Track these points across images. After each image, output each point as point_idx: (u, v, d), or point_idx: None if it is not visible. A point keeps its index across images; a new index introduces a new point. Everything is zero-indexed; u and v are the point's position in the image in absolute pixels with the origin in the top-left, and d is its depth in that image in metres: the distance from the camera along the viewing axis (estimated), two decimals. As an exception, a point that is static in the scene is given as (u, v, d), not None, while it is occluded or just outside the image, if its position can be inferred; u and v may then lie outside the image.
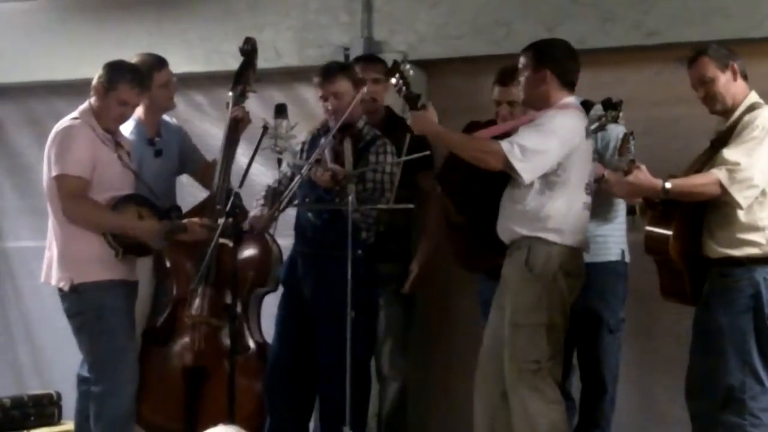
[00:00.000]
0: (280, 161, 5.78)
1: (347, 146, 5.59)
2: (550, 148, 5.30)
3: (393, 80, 5.55)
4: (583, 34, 6.28)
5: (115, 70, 5.85)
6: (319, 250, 5.90)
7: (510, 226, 5.46)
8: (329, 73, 5.93)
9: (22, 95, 7.84)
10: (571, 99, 5.48)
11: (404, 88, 5.50)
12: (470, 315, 6.56)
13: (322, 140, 5.92)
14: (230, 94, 6.20)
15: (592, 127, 5.58)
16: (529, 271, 5.37)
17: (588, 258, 5.66)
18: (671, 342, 6.16)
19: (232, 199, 5.66)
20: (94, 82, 5.85)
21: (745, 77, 5.30)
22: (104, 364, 5.79)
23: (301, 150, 6.09)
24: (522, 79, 5.53)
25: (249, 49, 6.20)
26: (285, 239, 6.43)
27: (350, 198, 5.42)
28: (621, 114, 5.55)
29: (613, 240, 5.84)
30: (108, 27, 7.56)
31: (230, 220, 5.69)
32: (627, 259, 5.88)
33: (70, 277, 5.75)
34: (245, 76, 6.19)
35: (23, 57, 7.72)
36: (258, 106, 6.43)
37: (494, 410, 5.52)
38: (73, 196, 5.72)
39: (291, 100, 6.82)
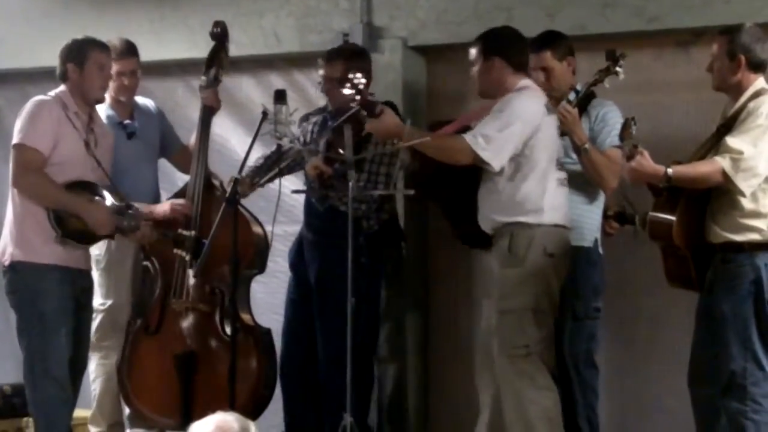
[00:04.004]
0: (279, 147, 5.77)
1: (347, 134, 5.58)
2: (513, 132, 5.35)
3: (345, 91, 5.44)
4: (584, 19, 6.27)
5: (79, 47, 5.81)
6: (322, 237, 5.91)
7: (489, 216, 5.49)
8: (330, 57, 5.92)
9: (23, 81, 7.81)
10: (526, 81, 5.53)
11: (357, 97, 5.39)
12: (470, 298, 6.58)
13: (329, 124, 5.91)
14: (203, 78, 6.10)
15: (593, 79, 5.58)
16: (513, 257, 5.39)
17: None
18: (664, 332, 6.16)
19: (233, 186, 5.65)
20: (61, 70, 5.80)
21: (756, 67, 5.25)
22: (35, 347, 5.71)
23: (311, 132, 6.07)
24: (474, 70, 5.56)
25: (220, 33, 6.10)
26: (286, 226, 6.45)
27: (350, 185, 5.41)
28: (621, 69, 5.53)
29: (587, 227, 5.76)
30: (109, 13, 7.53)
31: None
32: (600, 249, 5.82)
33: (12, 253, 5.69)
34: (219, 60, 6.09)
35: (24, 43, 7.70)
36: (258, 92, 6.42)
37: (498, 400, 5.53)
38: (25, 167, 5.62)
39: (291, 86, 6.82)
